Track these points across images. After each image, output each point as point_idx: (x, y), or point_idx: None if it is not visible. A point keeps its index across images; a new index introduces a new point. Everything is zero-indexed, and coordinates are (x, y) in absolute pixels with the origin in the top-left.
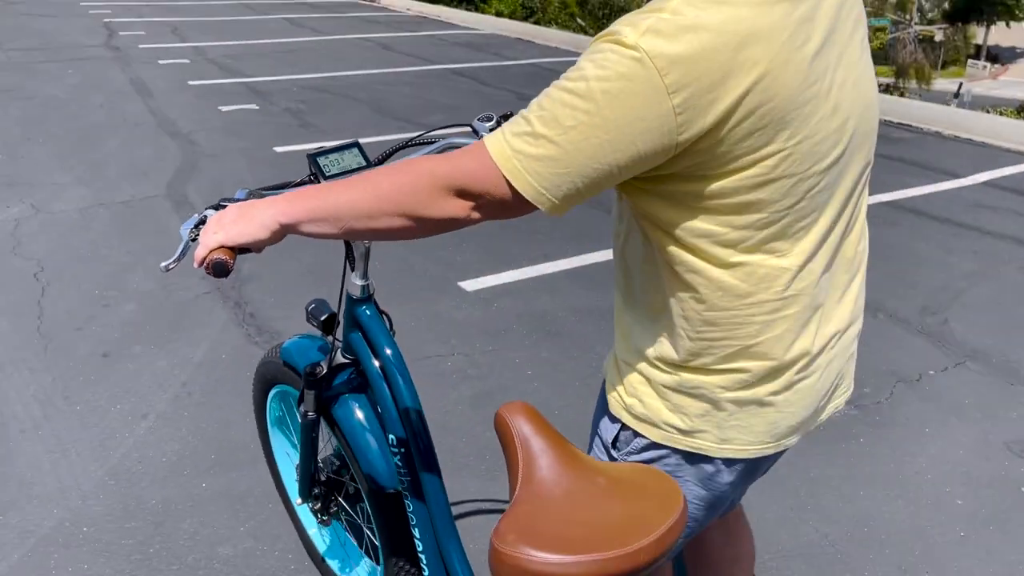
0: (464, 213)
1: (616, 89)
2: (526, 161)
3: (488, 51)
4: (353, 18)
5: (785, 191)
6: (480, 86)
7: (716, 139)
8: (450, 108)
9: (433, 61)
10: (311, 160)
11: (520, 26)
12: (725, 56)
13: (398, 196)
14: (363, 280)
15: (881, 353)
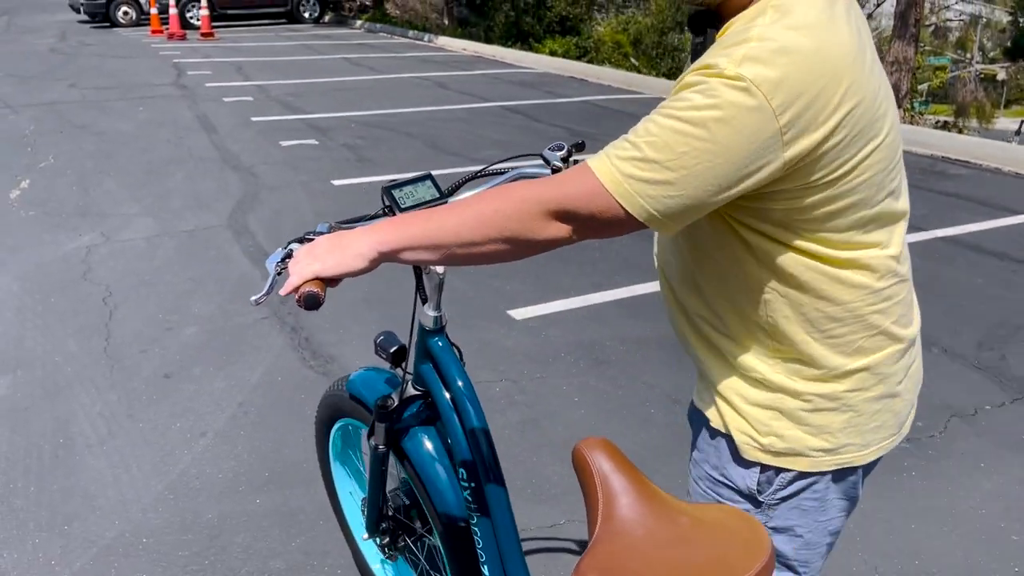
0: (567, 235)
1: (727, 116)
2: (637, 185)
3: (541, 89)
4: (410, 58)
5: (877, 186)
6: (532, 122)
7: (822, 152)
8: (502, 143)
9: (486, 99)
10: (386, 192)
11: (573, 65)
12: (818, 73)
13: (503, 222)
14: (436, 311)
15: (936, 387)
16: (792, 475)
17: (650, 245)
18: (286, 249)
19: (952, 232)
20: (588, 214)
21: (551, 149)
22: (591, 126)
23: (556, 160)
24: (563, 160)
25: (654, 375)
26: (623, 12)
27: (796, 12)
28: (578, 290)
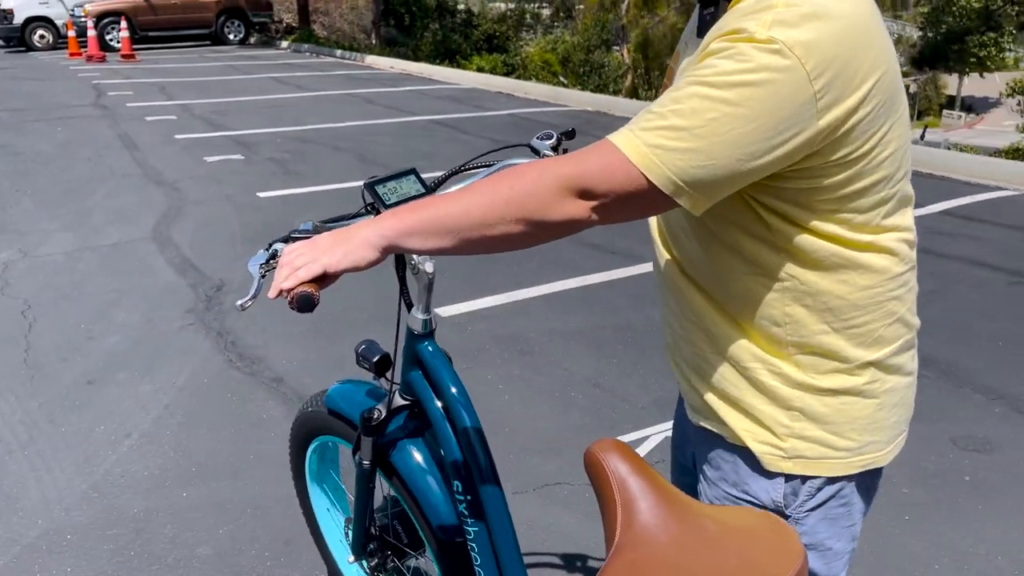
0: (586, 215)
1: (759, 79)
2: (664, 155)
3: (468, 103)
4: (337, 76)
5: (898, 163)
6: (459, 134)
7: (854, 121)
8: (431, 155)
9: (414, 113)
10: (368, 189)
11: (501, 80)
12: (850, 38)
13: (519, 199)
14: (426, 314)
15: None
16: (819, 482)
17: (571, 244)
18: (270, 250)
19: None
20: (609, 189)
21: (539, 138)
22: (519, 137)
23: (545, 148)
24: (553, 148)
25: (575, 363)
26: (551, 32)
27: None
28: (504, 287)
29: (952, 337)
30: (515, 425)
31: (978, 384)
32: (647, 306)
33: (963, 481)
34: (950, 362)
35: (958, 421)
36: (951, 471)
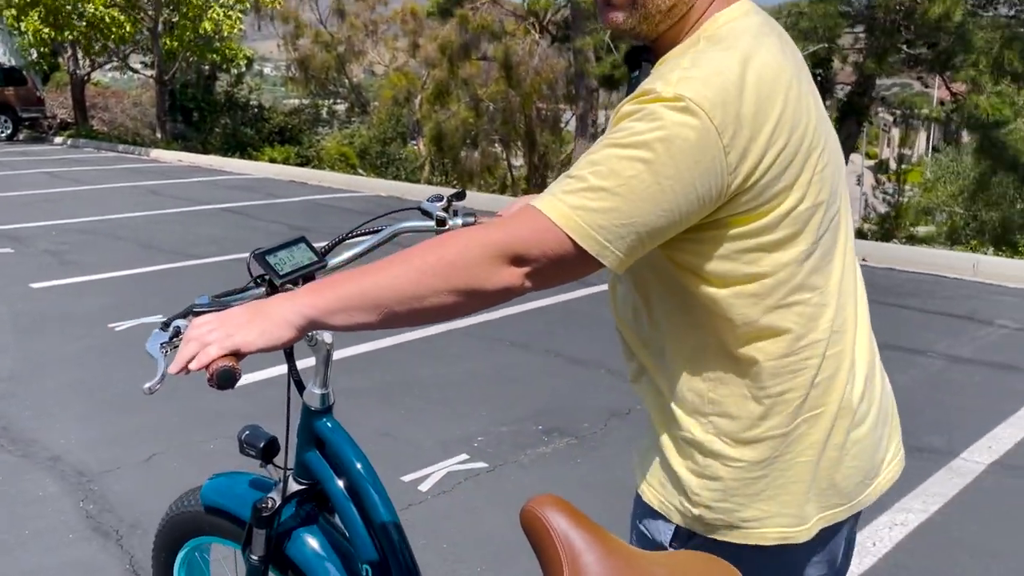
0: (519, 281)
1: (672, 135)
2: (588, 215)
3: (260, 191)
4: (120, 169)
5: (819, 220)
6: (250, 220)
7: (764, 171)
8: (219, 239)
9: (203, 202)
10: (258, 259)
11: (294, 170)
12: (754, 93)
13: (448, 270)
14: (324, 388)
15: (602, 397)
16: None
17: None
18: (170, 328)
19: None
20: (539, 254)
21: (430, 200)
22: (311, 221)
23: (436, 210)
24: (444, 210)
25: (366, 416)
26: (347, 127)
27: (728, 39)
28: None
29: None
30: None
31: None
32: (433, 362)
33: None
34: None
35: None
36: None
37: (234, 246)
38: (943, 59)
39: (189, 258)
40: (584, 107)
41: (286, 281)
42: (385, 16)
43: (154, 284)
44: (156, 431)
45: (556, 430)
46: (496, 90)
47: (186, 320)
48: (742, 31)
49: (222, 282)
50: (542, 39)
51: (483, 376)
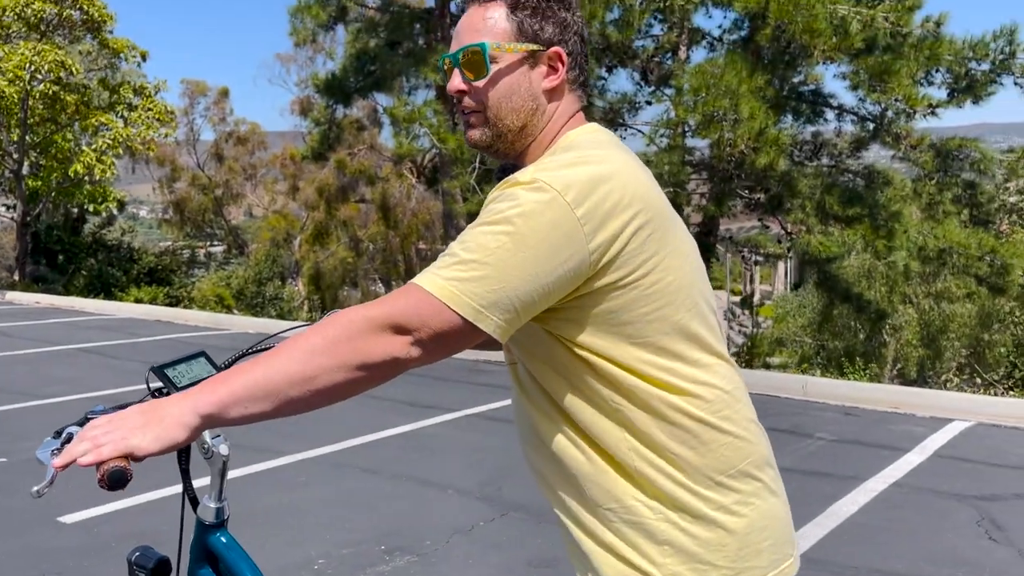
0: (404, 351)
1: (529, 211)
2: (461, 285)
3: (122, 331)
4: None
5: (687, 295)
6: (109, 360)
7: (622, 246)
8: (74, 380)
9: (58, 343)
10: (157, 373)
11: (159, 309)
12: (605, 176)
13: (334, 347)
14: (218, 503)
15: (446, 515)
16: None
17: None
18: (63, 436)
19: (481, 409)
20: (420, 323)
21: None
22: (170, 358)
23: None
24: None
25: None
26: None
27: (580, 146)
28: (134, 490)
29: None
30: None
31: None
32: (280, 491)
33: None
34: (535, 504)
35: (535, 547)
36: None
37: (88, 386)
38: (775, 203)
39: (37, 399)
40: None
41: None
42: (264, 160)
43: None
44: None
45: (398, 549)
46: (375, 231)
47: (79, 427)
48: (593, 141)
49: (72, 420)
50: (418, 183)
51: (330, 501)
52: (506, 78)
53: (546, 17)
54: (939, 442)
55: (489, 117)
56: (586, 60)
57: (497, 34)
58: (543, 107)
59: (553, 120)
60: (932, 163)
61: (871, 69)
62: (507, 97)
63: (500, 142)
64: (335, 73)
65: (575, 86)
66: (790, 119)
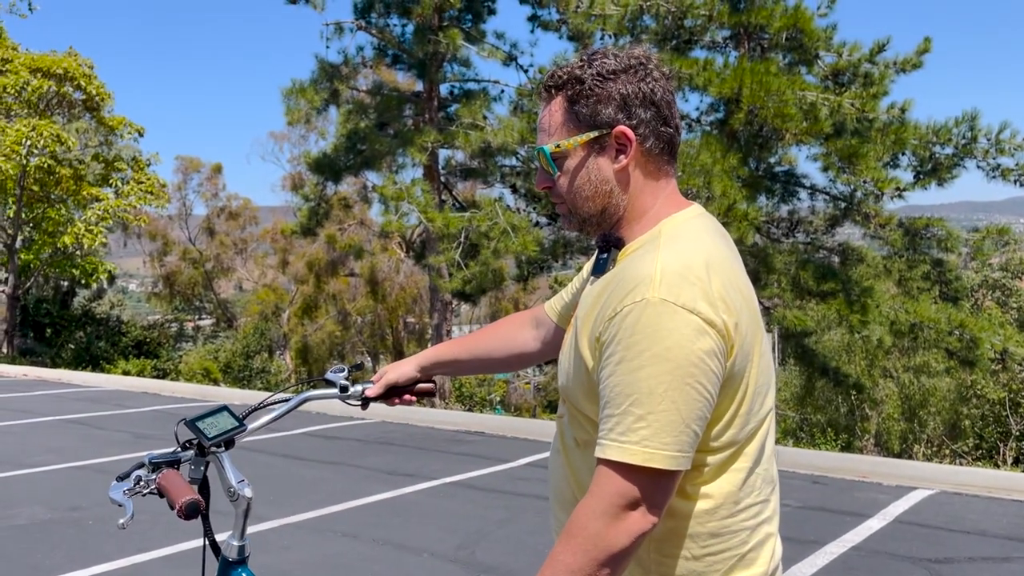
0: (644, 521)
1: (675, 341)
2: (653, 442)
3: (109, 403)
4: None
5: (760, 400)
6: (95, 430)
7: (734, 355)
8: (60, 450)
9: (45, 415)
10: (190, 426)
11: (146, 381)
12: (720, 282)
13: (590, 554)
14: (241, 540)
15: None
16: None
17: None
18: (131, 476)
19: (459, 478)
20: (640, 494)
21: (333, 371)
22: (159, 430)
23: (340, 379)
24: (346, 378)
25: None
26: (212, 341)
27: (684, 237)
28: (122, 553)
29: (512, 549)
30: None
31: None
32: (261, 554)
33: None
34: (506, 566)
35: None
36: None
37: (73, 455)
38: (751, 278)
39: (23, 467)
40: (439, 318)
41: (213, 443)
42: (255, 234)
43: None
44: None
45: None
46: (364, 304)
47: (144, 471)
48: (695, 231)
49: (58, 488)
50: (407, 257)
51: (311, 564)
52: (575, 171)
53: (601, 100)
54: (901, 508)
55: (570, 208)
56: (667, 123)
57: (557, 131)
58: (617, 190)
59: (636, 197)
60: (901, 241)
61: (840, 152)
62: (579, 189)
63: (587, 226)
64: (326, 152)
65: (655, 155)
66: (764, 198)
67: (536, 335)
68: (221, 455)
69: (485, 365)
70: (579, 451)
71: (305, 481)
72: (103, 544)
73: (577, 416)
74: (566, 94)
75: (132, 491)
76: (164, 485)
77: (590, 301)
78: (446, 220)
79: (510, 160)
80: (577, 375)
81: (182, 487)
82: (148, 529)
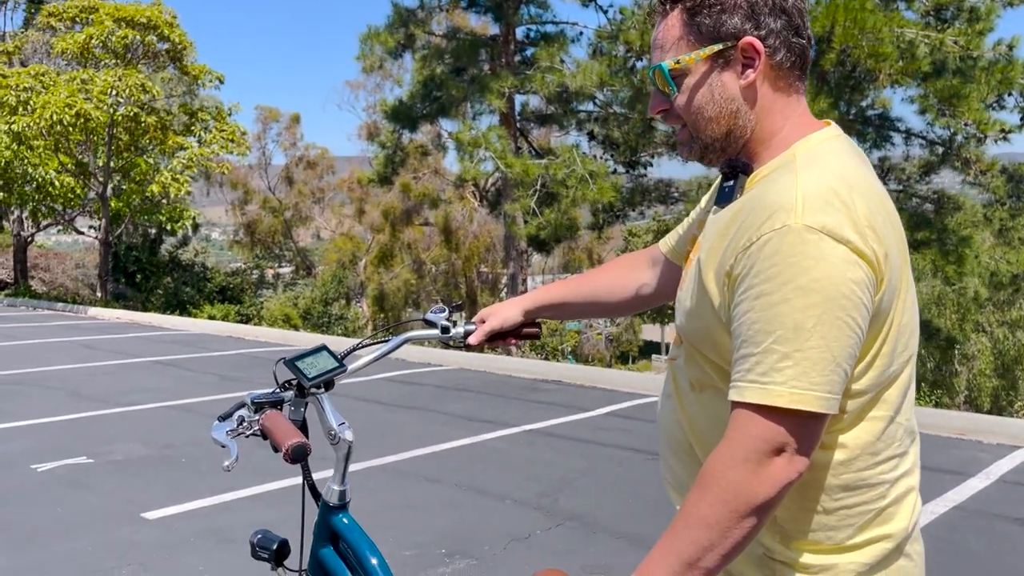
0: (791, 468)
1: (823, 271)
2: (801, 382)
3: (196, 346)
4: (55, 326)
5: (904, 341)
6: (184, 372)
7: (883, 290)
8: (151, 389)
9: (137, 356)
10: (289, 366)
11: (231, 326)
12: (870, 209)
13: (729, 506)
14: (342, 485)
15: (499, 521)
16: None
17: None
18: (234, 417)
19: (539, 426)
20: (786, 438)
21: (433, 311)
22: (244, 372)
23: (441, 320)
24: (447, 319)
25: None
26: (292, 288)
27: (823, 159)
28: (208, 492)
29: (594, 498)
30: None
31: (608, 528)
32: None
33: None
34: (590, 515)
35: (589, 555)
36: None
37: (165, 395)
38: None
39: (119, 405)
40: (515, 267)
41: (313, 384)
42: (332, 184)
43: (81, 429)
44: (70, 560)
45: (458, 553)
46: (438, 253)
47: (248, 411)
48: (834, 153)
49: (152, 426)
50: (481, 206)
51: (393, 506)
52: (696, 90)
53: (725, 9)
54: (1004, 468)
55: (691, 132)
56: (799, 33)
57: (676, 46)
58: (744, 109)
59: (764, 117)
60: (1004, 188)
61: (940, 93)
62: (701, 109)
63: (709, 152)
64: (402, 99)
65: (785, 69)
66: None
67: (652, 275)
68: (321, 396)
69: (597, 308)
70: (695, 395)
71: (387, 425)
72: (195, 482)
73: (695, 357)
74: (685, 5)
75: (235, 432)
76: (268, 426)
77: (716, 232)
78: (524, 167)
79: (587, 106)
80: (700, 313)
81: (288, 429)
82: (238, 468)
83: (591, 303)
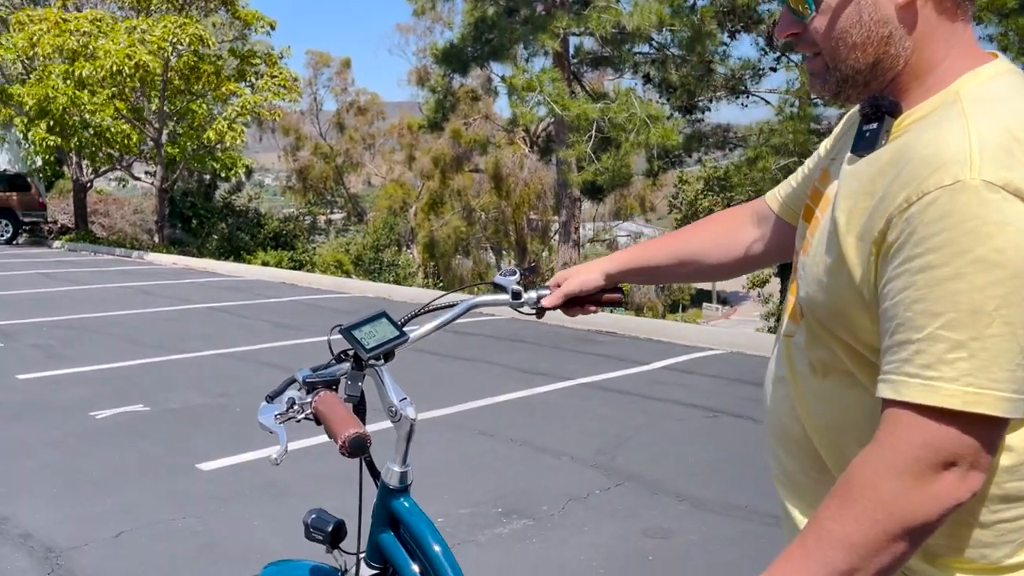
0: (962, 486)
1: (1009, 240)
2: (979, 379)
3: (250, 292)
4: (115, 271)
5: None
6: (238, 318)
7: None
8: (207, 336)
9: (193, 302)
10: (345, 335)
11: (285, 272)
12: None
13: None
14: (404, 467)
15: (561, 483)
16: None
17: None
18: (284, 399)
19: (594, 379)
20: (957, 448)
21: (503, 274)
22: (297, 319)
23: (511, 284)
24: (518, 283)
25: (329, 501)
26: (343, 234)
27: (1000, 98)
28: (262, 444)
29: (653, 458)
30: (264, 555)
31: (669, 490)
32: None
33: (646, 560)
34: (649, 476)
35: (651, 518)
36: (636, 553)
37: (220, 342)
38: None
39: (175, 352)
40: (567, 215)
41: (372, 356)
42: (382, 130)
43: (139, 376)
44: (126, 510)
45: (515, 512)
46: (488, 200)
47: (299, 392)
48: (1010, 89)
49: (208, 374)
50: (531, 152)
51: (448, 462)
52: (840, 9)
53: None
54: None
55: (828, 61)
56: None
57: None
58: (898, 34)
59: (923, 45)
60: None
61: (1022, 30)
62: (844, 33)
63: (848, 86)
64: (453, 42)
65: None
66: None
67: (760, 232)
68: (381, 368)
69: (694, 270)
70: (817, 380)
71: (440, 377)
72: (250, 432)
73: (821, 335)
74: None
75: (285, 416)
76: (322, 411)
77: (857, 188)
78: (581, 110)
79: (643, 47)
80: (835, 285)
81: (345, 417)
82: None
83: (689, 262)
